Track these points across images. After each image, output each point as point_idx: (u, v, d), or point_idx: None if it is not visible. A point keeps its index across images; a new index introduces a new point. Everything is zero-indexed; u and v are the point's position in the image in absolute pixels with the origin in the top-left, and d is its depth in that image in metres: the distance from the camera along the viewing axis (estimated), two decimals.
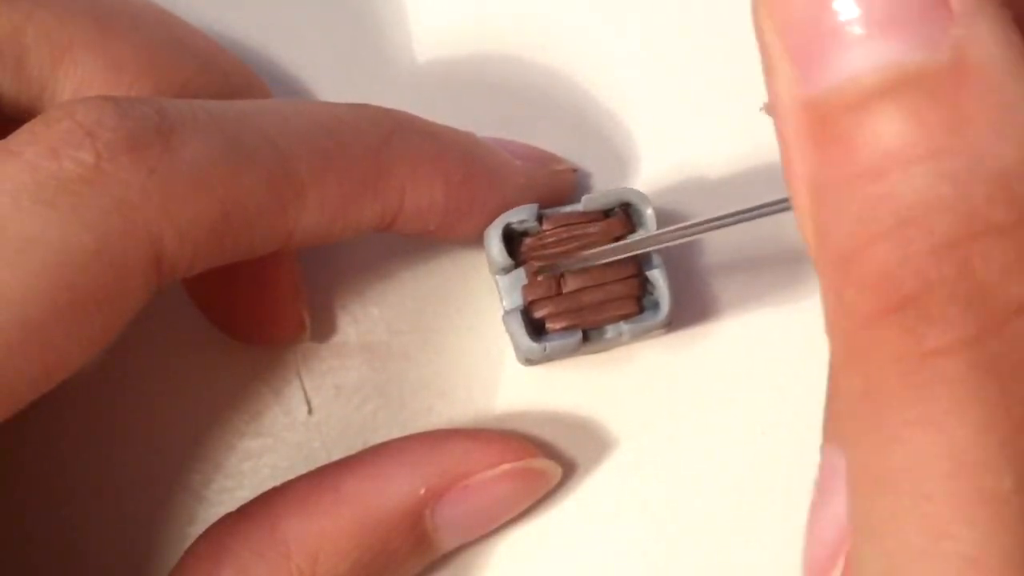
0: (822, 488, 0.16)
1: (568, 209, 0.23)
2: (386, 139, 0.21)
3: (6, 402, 0.17)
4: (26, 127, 0.18)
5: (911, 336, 0.13)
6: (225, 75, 0.23)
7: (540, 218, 0.22)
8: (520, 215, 0.22)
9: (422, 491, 0.22)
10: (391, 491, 0.22)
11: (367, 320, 0.25)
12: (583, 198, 0.23)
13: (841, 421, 0.14)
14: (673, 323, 0.23)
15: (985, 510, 0.12)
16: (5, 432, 0.18)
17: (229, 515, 0.22)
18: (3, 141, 0.18)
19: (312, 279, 0.25)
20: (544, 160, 0.24)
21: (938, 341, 0.13)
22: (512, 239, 0.22)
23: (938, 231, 0.13)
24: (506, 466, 0.23)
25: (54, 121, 0.18)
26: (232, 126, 0.19)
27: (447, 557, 0.24)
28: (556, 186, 0.24)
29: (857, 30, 0.13)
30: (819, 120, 0.14)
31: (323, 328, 0.25)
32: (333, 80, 0.26)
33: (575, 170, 0.25)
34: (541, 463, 0.23)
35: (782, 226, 0.25)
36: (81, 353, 0.18)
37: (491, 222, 0.22)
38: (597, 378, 0.25)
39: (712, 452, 0.24)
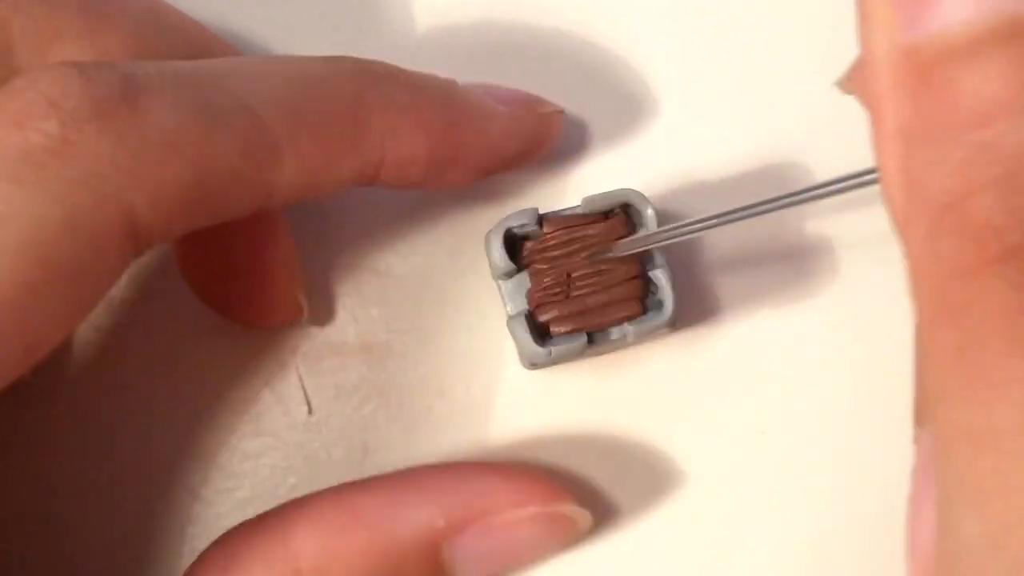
0: (923, 473, 0.15)
1: (568, 212, 0.23)
2: (362, 92, 0.21)
3: None
4: None
5: (1014, 288, 0.12)
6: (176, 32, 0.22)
7: (540, 222, 0.22)
8: (520, 219, 0.22)
9: (441, 522, 0.21)
10: (409, 518, 0.21)
11: (367, 320, 0.25)
12: (583, 199, 0.22)
13: (933, 382, 0.14)
14: (678, 324, 0.23)
15: None
16: None
17: (244, 523, 0.21)
18: None
19: (312, 279, 0.25)
20: (529, 103, 0.24)
21: None
22: (513, 243, 0.22)
23: None
24: (533, 509, 0.22)
25: (17, 92, 0.17)
26: (203, 87, 0.19)
27: None
28: (542, 129, 0.24)
29: None
30: (920, 67, 0.13)
31: (320, 314, 0.25)
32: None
33: (561, 111, 0.24)
34: (571, 509, 0.22)
35: (785, 225, 0.25)
36: (59, 328, 0.18)
37: (479, 169, 0.22)
38: (598, 378, 0.25)
39: (716, 452, 0.24)
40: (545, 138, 0.24)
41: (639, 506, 0.24)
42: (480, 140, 0.22)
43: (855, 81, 0.17)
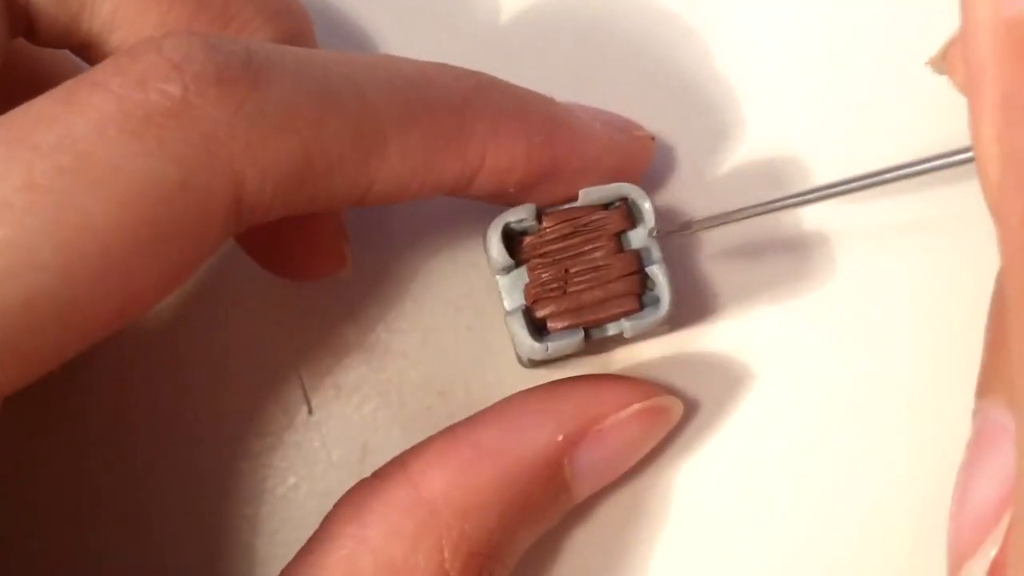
0: (979, 445, 0.15)
1: (567, 205, 0.23)
2: (469, 95, 0.21)
3: (82, 334, 0.17)
4: (110, 60, 0.18)
5: None
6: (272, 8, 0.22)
7: (539, 217, 0.22)
8: (519, 214, 0.22)
9: (560, 438, 0.21)
10: (529, 440, 0.21)
11: (366, 319, 0.25)
12: (580, 193, 0.22)
13: (1017, 365, 0.14)
14: (674, 321, 0.23)
15: None
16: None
17: (364, 480, 0.21)
18: (87, 73, 0.18)
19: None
20: (623, 126, 0.24)
21: None
22: (512, 238, 0.22)
23: None
24: (636, 406, 0.22)
25: (140, 54, 0.18)
26: (319, 71, 0.19)
27: None
28: (635, 152, 0.24)
29: None
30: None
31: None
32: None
33: (654, 137, 0.24)
34: (667, 400, 0.23)
35: (782, 221, 0.25)
36: (158, 290, 0.18)
37: (572, 185, 0.22)
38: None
39: (714, 450, 0.24)
40: (638, 162, 0.24)
41: (640, 506, 0.24)
42: (578, 155, 0.22)
43: (950, 59, 0.17)
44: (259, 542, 0.24)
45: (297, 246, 0.24)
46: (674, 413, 0.24)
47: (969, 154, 0.17)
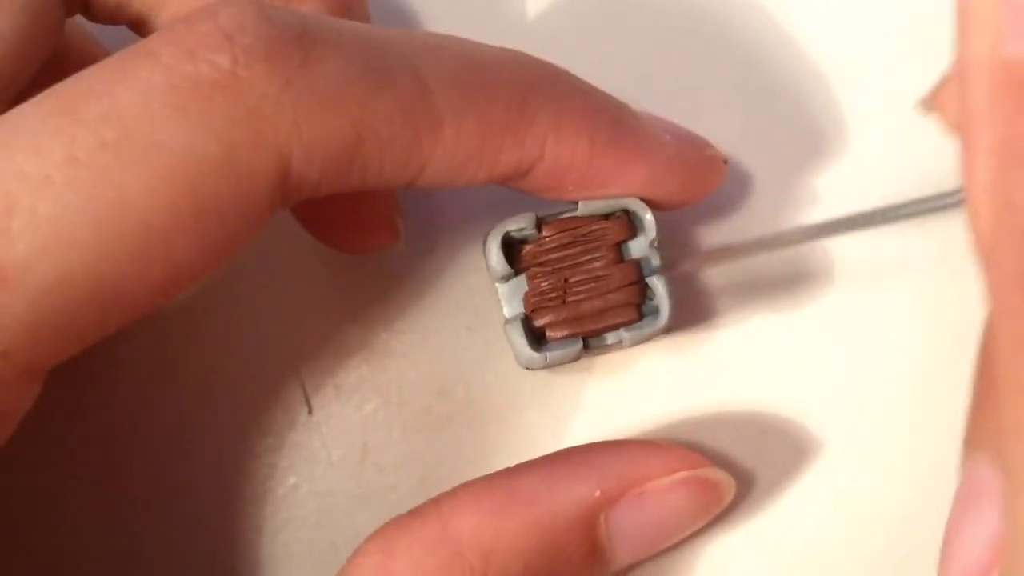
0: (967, 502, 0.15)
1: (567, 215, 0.22)
2: (534, 84, 0.20)
3: (121, 310, 0.17)
4: (167, 27, 0.18)
5: None
6: None
7: (539, 226, 0.22)
8: (519, 223, 0.22)
9: (597, 493, 0.21)
10: (565, 491, 0.21)
11: (366, 319, 0.25)
12: (580, 204, 0.22)
13: (1010, 415, 0.13)
14: (672, 327, 0.23)
15: None
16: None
17: (399, 516, 0.21)
18: (144, 41, 0.17)
19: (312, 278, 0.25)
20: (695, 142, 0.23)
21: None
22: (511, 247, 0.22)
23: None
24: (682, 474, 0.22)
25: (196, 22, 0.17)
26: (375, 49, 0.19)
27: None
28: (706, 171, 0.23)
29: None
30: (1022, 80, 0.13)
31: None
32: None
33: (727, 160, 0.23)
34: (716, 473, 0.22)
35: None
36: (200, 267, 0.18)
37: (634, 194, 0.22)
38: (596, 378, 0.25)
39: (712, 456, 0.24)
40: (706, 181, 0.23)
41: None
42: (643, 162, 0.21)
43: (940, 99, 0.16)
44: (259, 542, 0.24)
45: (351, 219, 0.23)
46: (725, 489, 0.23)
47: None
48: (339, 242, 0.24)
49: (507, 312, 0.23)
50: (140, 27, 0.21)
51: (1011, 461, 0.13)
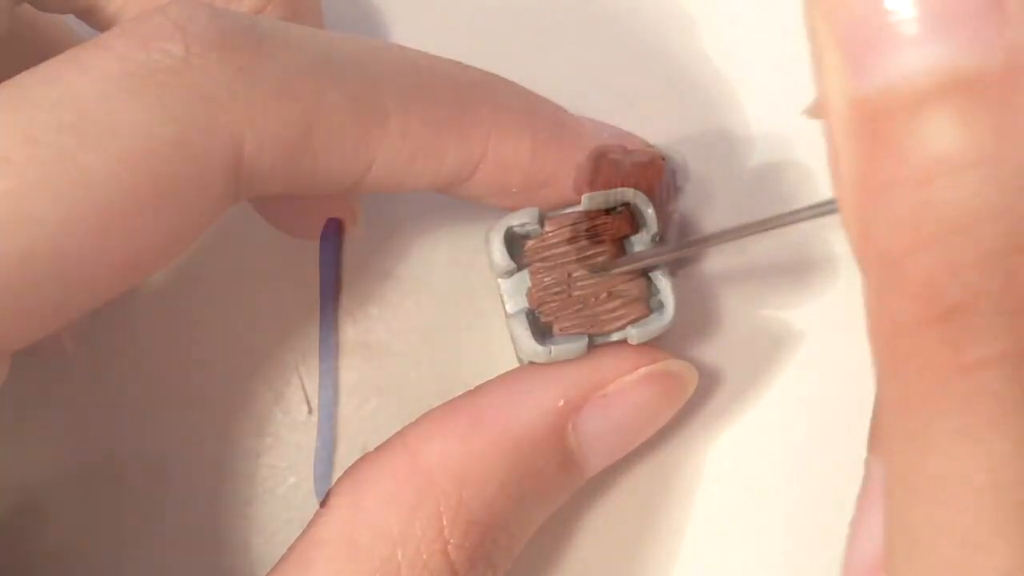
0: (865, 501, 0.15)
1: (569, 210, 0.23)
2: (474, 85, 0.21)
3: (83, 291, 0.17)
4: (118, 25, 0.18)
5: (953, 347, 0.13)
6: None
7: (542, 221, 0.22)
8: (522, 218, 0.22)
9: (561, 403, 0.21)
10: (529, 406, 0.21)
11: (366, 319, 0.25)
12: (583, 197, 0.22)
13: (885, 425, 0.14)
14: (676, 324, 0.23)
15: (1022, 525, 0.12)
16: None
17: (367, 453, 0.21)
18: (96, 38, 0.18)
19: (311, 278, 0.25)
20: (633, 139, 0.24)
21: (981, 353, 0.12)
22: (514, 242, 0.22)
23: (984, 241, 0.12)
24: (642, 370, 0.22)
25: (147, 17, 0.18)
26: (323, 46, 0.19)
27: None
28: (643, 167, 0.23)
29: (911, 29, 0.13)
30: (868, 119, 0.13)
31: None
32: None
33: (663, 157, 0.24)
34: (676, 364, 0.22)
35: (786, 227, 0.25)
36: (159, 252, 0.18)
37: (575, 190, 0.22)
38: None
39: (713, 454, 0.25)
40: (643, 179, 0.23)
41: (639, 507, 0.24)
42: (585, 157, 0.22)
43: (820, 109, 0.17)
44: (259, 542, 0.24)
45: (305, 204, 0.24)
46: (687, 380, 0.23)
47: None
48: (291, 227, 0.24)
49: (510, 307, 0.23)
50: (89, 16, 0.21)
51: (888, 467, 0.14)
